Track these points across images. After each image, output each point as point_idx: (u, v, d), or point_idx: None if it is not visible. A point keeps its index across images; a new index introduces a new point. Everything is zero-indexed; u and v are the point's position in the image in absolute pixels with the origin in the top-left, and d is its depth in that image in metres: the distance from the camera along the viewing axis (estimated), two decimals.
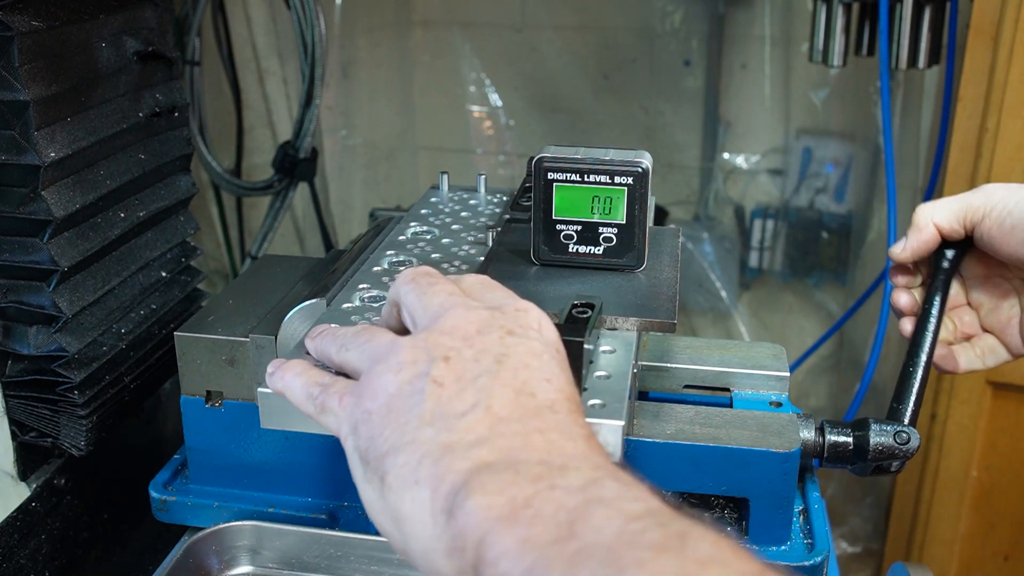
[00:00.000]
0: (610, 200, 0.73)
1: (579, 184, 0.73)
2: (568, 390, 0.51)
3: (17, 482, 0.86)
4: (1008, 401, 1.63)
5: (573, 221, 0.75)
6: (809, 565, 0.73)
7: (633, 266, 0.76)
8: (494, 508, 0.42)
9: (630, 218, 0.74)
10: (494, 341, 0.52)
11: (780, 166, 1.83)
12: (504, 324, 0.53)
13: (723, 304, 1.89)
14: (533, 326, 0.54)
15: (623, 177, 0.72)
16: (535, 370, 0.51)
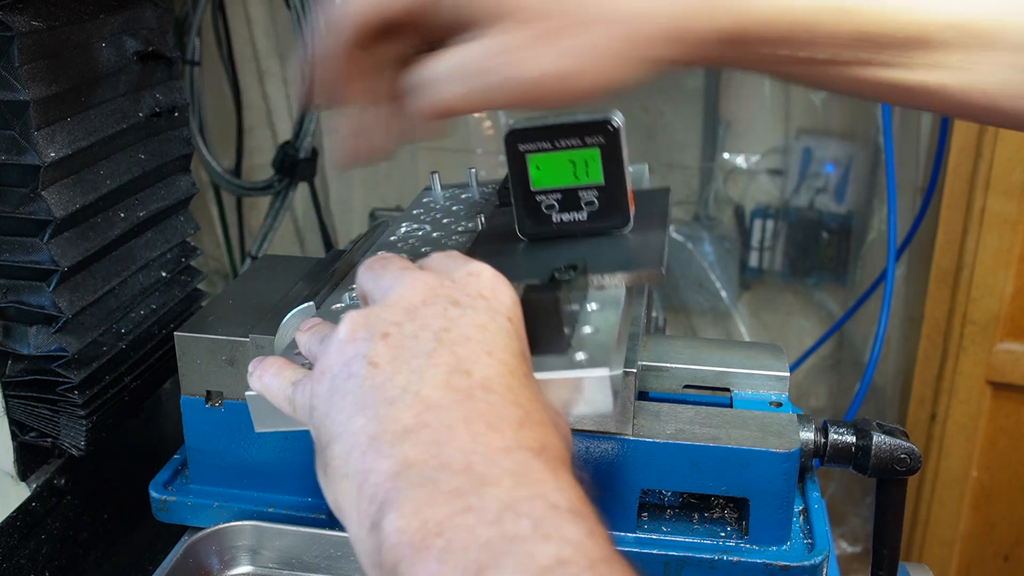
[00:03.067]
0: (585, 162, 0.71)
1: (551, 151, 0.71)
2: (513, 362, 0.48)
3: (17, 482, 0.86)
4: (1008, 401, 1.63)
5: (552, 190, 0.73)
6: (809, 565, 0.73)
7: (620, 227, 0.73)
8: (407, 532, 0.40)
9: (608, 178, 0.71)
10: (437, 314, 0.49)
11: (780, 166, 1.82)
12: (450, 294, 0.51)
13: (723, 304, 1.89)
14: (484, 293, 0.51)
15: (594, 137, 0.70)
16: (476, 343, 0.48)
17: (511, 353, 0.49)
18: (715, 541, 0.76)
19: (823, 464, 0.80)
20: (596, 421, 0.74)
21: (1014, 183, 1.51)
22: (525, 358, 0.50)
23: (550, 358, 0.56)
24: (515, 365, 0.48)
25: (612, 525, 0.76)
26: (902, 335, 1.78)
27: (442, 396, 0.45)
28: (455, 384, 0.46)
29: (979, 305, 1.58)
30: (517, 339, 0.50)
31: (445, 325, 0.48)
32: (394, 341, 0.48)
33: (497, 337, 0.49)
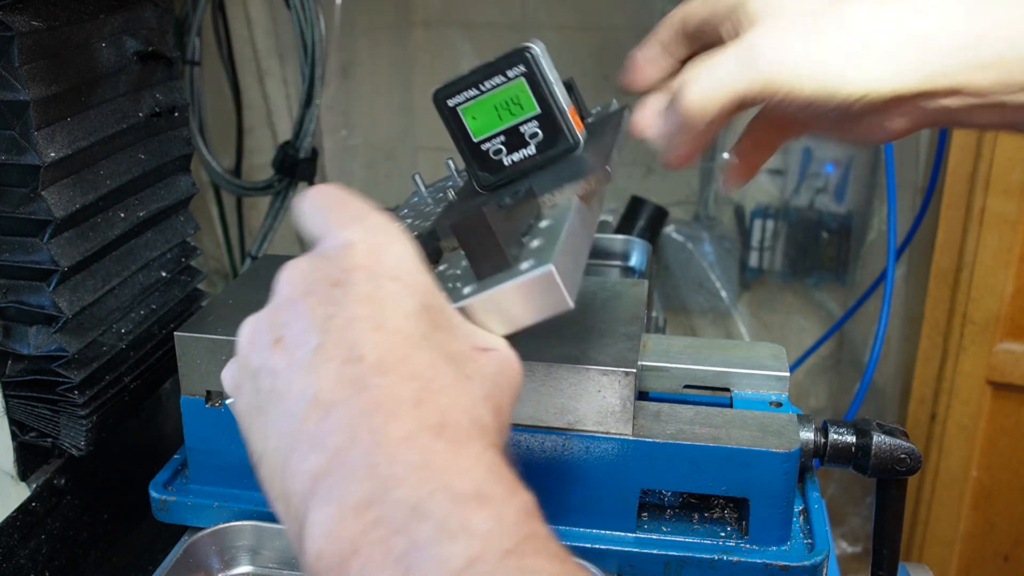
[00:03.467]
0: (515, 97, 0.70)
1: (480, 96, 0.70)
2: (407, 326, 0.46)
3: (17, 482, 0.86)
4: (1008, 401, 1.63)
5: (494, 135, 0.71)
6: (809, 565, 0.73)
7: (571, 148, 0.71)
8: (324, 557, 0.40)
9: (542, 104, 0.70)
10: (320, 301, 0.46)
11: (780, 166, 1.83)
12: (328, 274, 0.47)
13: (723, 304, 1.89)
14: (360, 262, 0.47)
15: (515, 69, 0.69)
16: (363, 321, 0.45)
17: (403, 315, 0.46)
18: (715, 541, 0.76)
19: (823, 464, 0.80)
20: (596, 421, 0.74)
21: (1014, 183, 1.51)
22: (427, 311, 0.47)
23: (497, 278, 0.55)
24: (410, 328, 0.46)
25: (612, 525, 0.76)
26: (902, 335, 1.78)
27: (337, 394, 0.43)
28: (347, 375, 0.44)
29: (979, 305, 1.58)
30: (410, 296, 0.47)
31: (329, 312, 0.46)
32: (286, 344, 0.46)
33: (385, 305, 0.46)
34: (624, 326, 0.80)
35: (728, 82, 0.58)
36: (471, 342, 0.50)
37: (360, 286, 0.46)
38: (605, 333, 0.79)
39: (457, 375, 0.46)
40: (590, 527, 0.77)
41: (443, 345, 0.47)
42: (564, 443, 0.75)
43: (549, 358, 0.74)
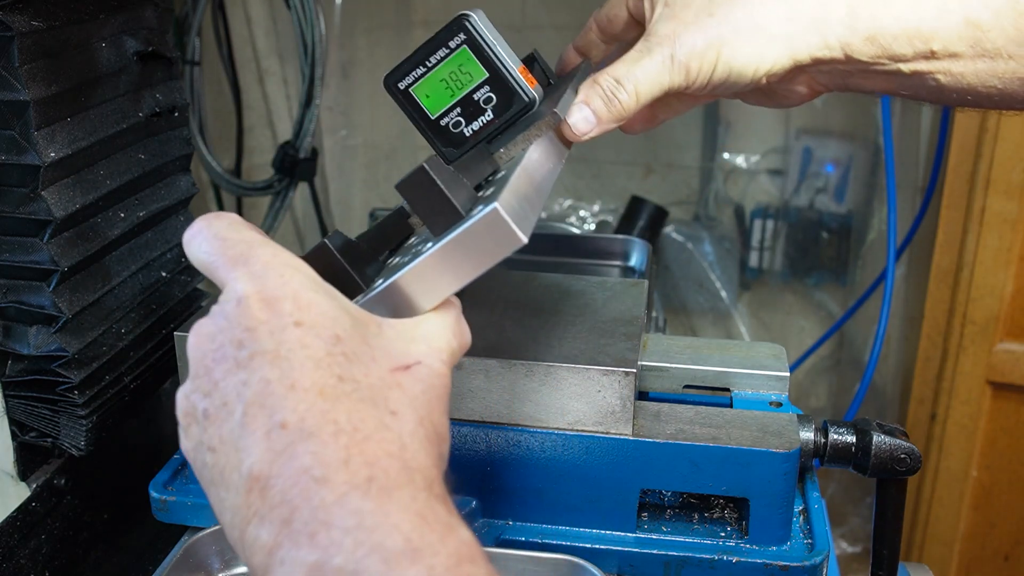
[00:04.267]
0: (461, 66, 0.70)
1: (428, 73, 0.70)
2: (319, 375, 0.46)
3: (17, 482, 0.86)
4: (1008, 401, 1.63)
5: (449, 108, 0.71)
6: (809, 565, 0.73)
7: (527, 106, 0.71)
8: None
9: (489, 68, 0.70)
10: (229, 368, 0.47)
11: (780, 166, 1.83)
12: (231, 336, 0.47)
13: (723, 304, 1.89)
14: (258, 315, 0.47)
15: (456, 38, 0.69)
16: (276, 383, 0.45)
17: (314, 364, 0.46)
18: (715, 541, 0.76)
19: (823, 464, 0.80)
20: (596, 421, 0.74)
21: (1014, 183, 1.51)
22: (337, 345, 0.47)
23: (451, 230, 0.55)
24: (323, 378, 0.46)
25: (612, 525, 0.76)
26: (902, 335, 1.78)
27: (269, 466, 0.44)
28: (275, 446, 0.44)
29: (979, 305, 1.58)
30: (315, 338, 0.47)
31: (242, 378, 0.46)
32: (213, 418, 0.47)
33: (293, 360, 0.46)
34: (624, 326, 0.80)
35: (655, 80, 0.66)
36: (391, 362, 0.49)
37: (265, 344, 0.47)
38: (605, 333, 0.79)
39: (380, 417, 0.46)
40: (590, 527, 0.77)
41: (361, 382, 0.47)
42: (564, 443, 0.75)
43: (549, 358, 0.74)
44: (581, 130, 0.67)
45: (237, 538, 0.45)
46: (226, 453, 0.46)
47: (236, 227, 0.52)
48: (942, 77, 0.64)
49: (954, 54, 0.63)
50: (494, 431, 0.76)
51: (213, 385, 0.47)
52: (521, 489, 0.77)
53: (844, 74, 0.67)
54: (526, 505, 0.77)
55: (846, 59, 0.65)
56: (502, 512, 0.78)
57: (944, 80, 0.64)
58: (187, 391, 0.50)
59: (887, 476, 0.78)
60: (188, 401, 0.49)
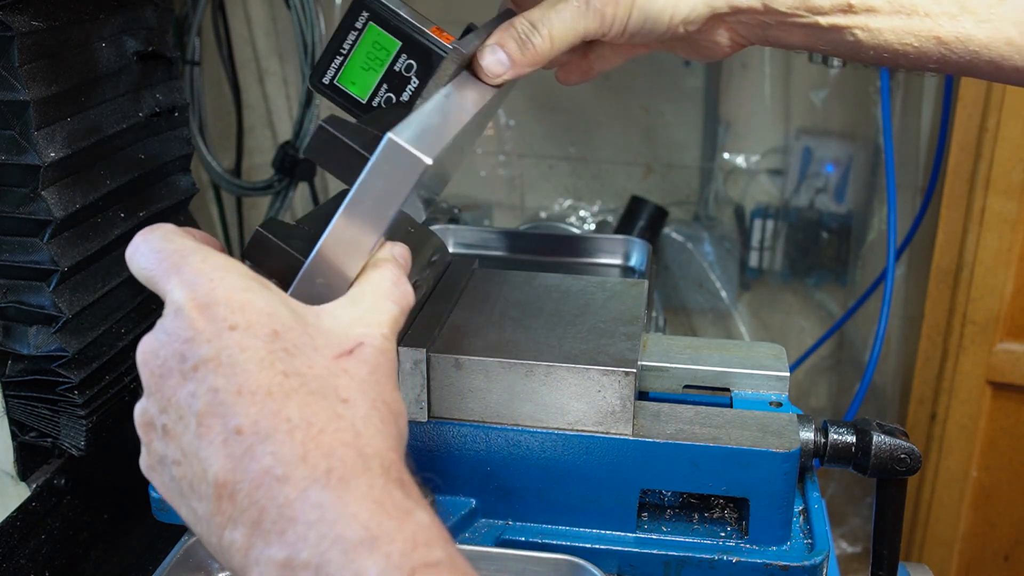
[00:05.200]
0: (374, 43, 0.70)
1: (347, 59, 0.70)
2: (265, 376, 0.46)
3: (17, 482, 0.86)
4: (1008, 401, 1.63)
5: (376, 88, 0.71)
6: (809, 565, 0.73)
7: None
8: None
9: (399, 34, 0.70)
10: (176, 382, 0.48)
11: (780, 166, 1.82)
12: (174, 350, 0.48)
13: (723, 304, 1.88)
14: (196, 325, 0.47)
15: (361, 18, 0.69)
16: (224, 392, 0.46)
17: (257, 365, 0.46)
18: (715, 541, 0.76)
19: (823, 464, 0.80)
20: (596, 421, 0.74)
21: (1014, 183, 1.51)
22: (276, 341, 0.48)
23: None
24: (268, 378, 0.46)
25: (612, 525, 0.76)
26: (902, 335, 1.78)
27: (232, 472, 0.45)
28: (235, 451, 0.45)
29: (979, 305, 1.58)
30: (253, 339, 0.47)
31: (191, 390, 0.47)
32: (171, 431, 0.48)
33: (236, 365, 0.46)
34: (624, 326, 0.80)
35: (570, 25, 0.66)
36: (333, 349, 0.49)
37: (205, 352, 0.47)
38: (605, 333, 0.79)
39: (332, 407, 0.47)
40: (590, 527, 0.77)
41: (307, 374, 0.47)
42: (564, 443, 0.75)
43: (549, 358, 0.74)
44: (494, 71, 0.67)
45: (216, 544, 0.46)
46: (190, 464, 0.47)
47: (170, 237, 0.52)
48: (860, 33, 0.64)
49: (871, 8, 0.63)
50: (494, 431, 0.76)
51: (166, 400, 0.48)
52: (521, 489, 0.77)
53: (763, 25, 0.67)
54: (526, 505, 0.77)
55: (764, 9, 0.65)
56: (502, 512, 0.78)
57: (862, 36, 0.65)
58: (144, 407, 0.50)
59: (887, 476, 0.77)
60: (146, 417, 0.50)
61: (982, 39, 0.63)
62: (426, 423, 0.76)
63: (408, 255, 0.59)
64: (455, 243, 1.22)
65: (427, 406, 0.75)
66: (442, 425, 0.76)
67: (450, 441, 0.76)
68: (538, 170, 1.88)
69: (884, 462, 0.76)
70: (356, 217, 0.53)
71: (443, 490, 0.78)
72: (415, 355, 0.74)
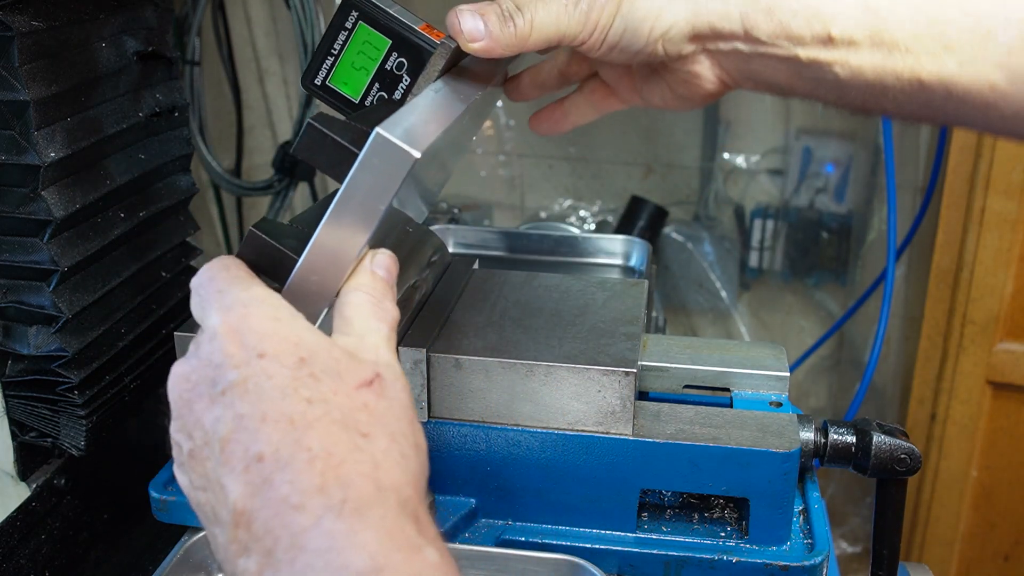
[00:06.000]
0: (365, 42, 0.70)
1: (338, 61, 0.70)
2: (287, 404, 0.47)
3: (17, 482, 0.86)
4: (1008, 401, 1.63)
5: (368, 87, 0.71)
6: (809, 565, 0.73)
7: None
8: None
9: (389, 33, 0.70)
10: (205, 407, 0.49)
11: (780, 166, 1.82)
12: (204, 374, 0.49)
13: (723, 304, 1.88)
14: (228, 351, 0.49)
15: (350, 18, 0.69)
16: (249, 418, 0.47)
17: (281, 394, 0.47)
18: (715, 541, 0.76)
19: (823, 464, 0.80)
20: (596, 421, 0.74)
21: (1014, 183, 1.51)
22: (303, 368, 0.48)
23: None
24: (292, 407, 0.47)
25: (612, 525, 0.76)
26: (902, 335, 1.78)
27: (251, 499, 0.46)
28: (254, 479, 0.46)
29: (979, 305, 1.58)
30: (280, 367, 0.48)
31: (216, 415, 0.48)
32: (196, 456, 0.49)
33: (262, 392, 0.47)
34: (624, 326, 0.80)
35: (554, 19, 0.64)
36: (354, 378, 0.50)
37: (233, 378, 0.48)
38: (605, 333, 0.79)
39: (353, 439, 0.47)
40: (590, 527, 0.77)
41: (331, 400, 0.48)
42: (564, 443, 0.75)
43: (549, 358, 0.74)
44: (472, 35, 0.64)
45: (231, 572, 0.47)
46: (213, 491, 0.48)
47: (226, 265, 0.54)
48: (839, 70, 0.61)
49: (852, 41, 0.60)
50: (494, 431, 0.76)
51: (193, 424, 0.49)
52: (521, 489, 0.77)
53: (745, 57, 0.64)
54: (526, 505, 0.77)
55: (744, 34, 0.62)
56: (502, 512, 0.78)
57: (842, 74, 0.61)
58: (173, 431, 0.51)
59: (887, 476, 0.78)
60: (174, 441, 0.51)
61: (965, 83, 0.58)
62: (426, 423, 0.76)
63: (392, 263, 0.58)
64: (455, 243, 1.23)
65: (427, 406, 0.75)
66: (442, 425, 0.76)
67: (450, 441, 0.76)
68: (538, 170, 1.88)
69: (884, 462, 0.76)
70: (348, 213, 0.53)
71: (443, 490, 0.78)
72: (415, 355, 0.74)
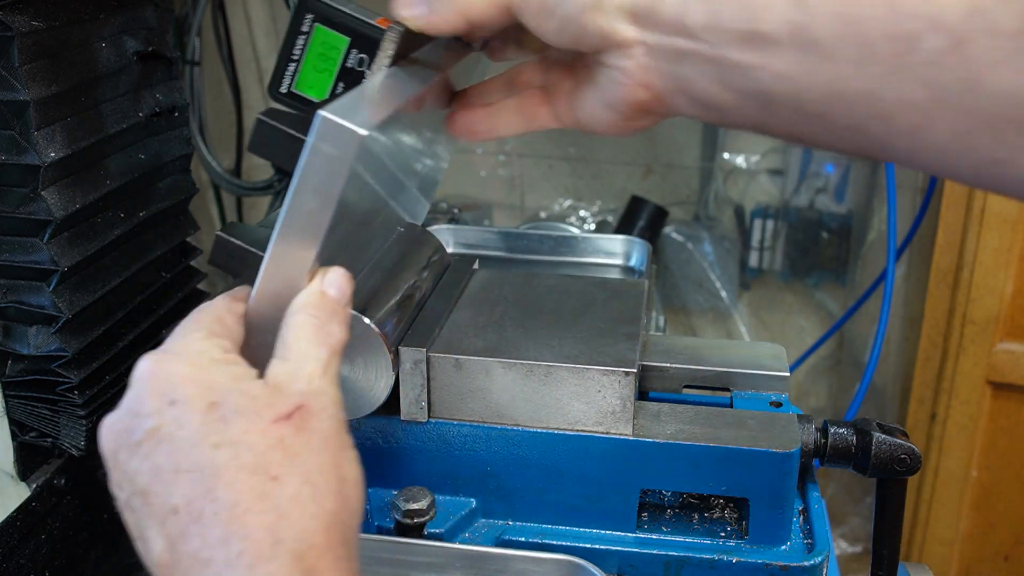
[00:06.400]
0: (323, 43, 0.69)
1: (300, 66, 0.70)
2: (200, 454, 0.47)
3: (17, 482, 0.86)
4: (1008, 401, 1.63)
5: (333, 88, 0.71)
6: (809, 565, 0.73)
7: None
8: None
9: (346, 30, 0.70)
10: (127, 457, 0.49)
11: (780, 166, 1.82)
12: (126, 424, 0.49)
13: (723, 304, 1.88)
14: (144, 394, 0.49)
15: (305, 21, 0.69)
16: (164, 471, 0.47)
17: (191, 443, 0.47)
18: (715, 541, 0.76)
19: (823, 464, 0.80)
20: (596, 421, 0.74)
21: None
22: (213, 412, 0.48)
23: None
24: (202, 456, 0.47)
25: (612, 525, 0.76)
26: (902, 335, 1.78)
27: (169, 553, 0.46)
28: (171, 531, 0.46)
29: (979, 305, 1.58)
30: (191, 413, 0.48)
31: (136, 467, 0.48)
32: (129, 508, 0.49)
33: (174, 441, 0.47)
34: (624, 326, 0.80)
35: None
36: (273, 412, 0.49)
37: (148, 427, 0.48)
38: (605, 333, 0.79)
39: (261, 486, 0.47)
40: (590, 527, 0.77)
41: (241, 443, 0.47)
42: (564, 443, 0.75)
43: (549, 358, 0.74)
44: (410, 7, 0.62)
45: None
46: (143, 542, 0.48)
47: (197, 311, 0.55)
48: (767, 77, 0.53)
49: (776, 40, 0.52)
50: (494, 431, 0.76)
51: (121, 475, 0.49)
52: (521, 489, 0.77)
53: (678, 55, 0.57)
54: (526, 505, 0.77)
55: (678, 23, 0.56)
56: (502, 512, 0.78)
57: (772, 84, 0.53)
58: (110, 483, 0.51)
59: (887, 476, 0.78)
60: (112, 492, 0.51)
61: (890, 101, 0.49)
62: (426, 423, 0.76)
63: (346, 281, 0.57)
64: (455, 243, 1.23)
65: (427, 406, 0.75)
66: (442, 425, 0.76)
67: (450, 441, 0.76)
68: (538, 170, 1.88)
69: (884, 462, 0.76)
70: (305, 201, 0.53)
71: (443, 490, 0.78)
72: (415, 355, 0.74)
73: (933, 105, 0.48)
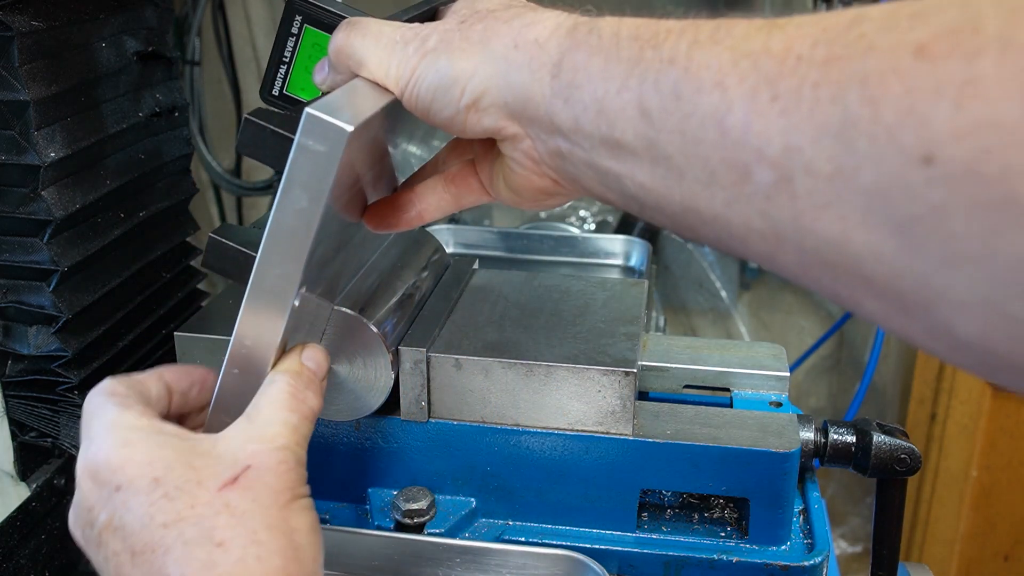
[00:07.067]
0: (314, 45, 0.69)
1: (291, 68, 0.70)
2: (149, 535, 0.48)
3: (17, 482, 0.86)
4: (1008, 401, 1.63)
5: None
6: (809, 565, 0.73)
7: None
8: None
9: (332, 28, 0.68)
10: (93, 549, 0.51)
11: None
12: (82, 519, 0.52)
13: (723, 304, 1.88)
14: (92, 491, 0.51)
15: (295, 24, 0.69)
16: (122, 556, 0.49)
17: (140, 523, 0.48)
18: (715, 541, 0.76)
19: (823, 464, 0.80)
20: (596, 421, 0.74)
21: None
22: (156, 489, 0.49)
23: None
24: (150, 534, 0.48)
25: (612, 525, 0.76)
26: None
27: None
28: None
29: None
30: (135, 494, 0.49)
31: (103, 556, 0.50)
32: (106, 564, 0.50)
33: (125, 526, 0.49)
34: (624, 326, 0.80)
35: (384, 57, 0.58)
36: (218, 479, 0.50)
37: (103, 520, 0.50)
38: (605, 333, 0.79)
39: (207, 555, 0.47)
40: (590, 527, 0.77)
41: (187, 517, 0.48)
42: (564, 443, 0.75)
43: (549, 358, 0.74)
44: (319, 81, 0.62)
45: None
46: None
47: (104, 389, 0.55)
48: (631, 185, 0.50)
49: (634, 151, 0.48)
50: (494, 431, 0.76)
51: (95, 563, 0.52)
52: (521, 489, 0.77)
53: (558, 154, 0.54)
54: (526, 505, 0.77)
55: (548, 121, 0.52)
56: (502, 512, 0.78)
57: (636, 192, 0.50)
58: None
59: (887, 476, 0.78)
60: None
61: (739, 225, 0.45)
62: (426, 423, 0.76)
63: (323, 357, 0.60)
64: (455, 243, 1.23)
65: (427, 406, 0.75)
66: (442, 425, 0.76)
67: (450, 441, 0.76)
68: None
69: (884, 462, 0.76)
70: (296, 198, 0.53)
71: (443, 490, 0.78)
72: (415, 355, 0.74)
73: (775, 238, 0.44)
